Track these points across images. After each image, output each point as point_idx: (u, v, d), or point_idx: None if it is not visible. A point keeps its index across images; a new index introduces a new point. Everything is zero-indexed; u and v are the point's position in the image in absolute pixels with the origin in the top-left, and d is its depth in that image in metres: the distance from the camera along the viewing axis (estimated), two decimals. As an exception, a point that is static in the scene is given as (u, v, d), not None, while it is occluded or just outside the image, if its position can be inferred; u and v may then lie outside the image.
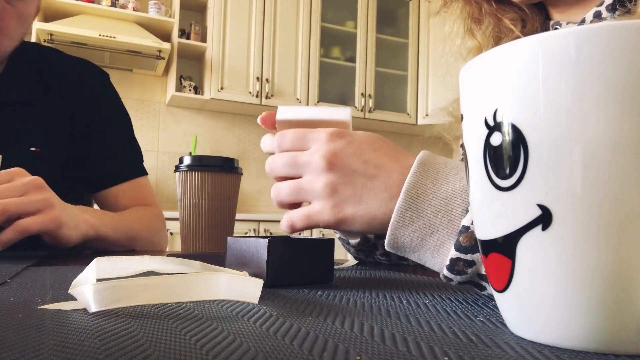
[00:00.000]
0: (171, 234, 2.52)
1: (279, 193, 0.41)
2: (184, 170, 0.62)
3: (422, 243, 0.35)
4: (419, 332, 0.23)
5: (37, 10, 0.83)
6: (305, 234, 2.73)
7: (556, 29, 0.55)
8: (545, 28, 0.58)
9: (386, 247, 0.37)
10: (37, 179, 0.64)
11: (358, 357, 0.18)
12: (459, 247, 0.32)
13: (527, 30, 0.57)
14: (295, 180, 0.40)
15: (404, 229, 0.35)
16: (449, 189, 0.34)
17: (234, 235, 0.55)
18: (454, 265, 0.33)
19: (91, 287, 0.25)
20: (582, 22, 0.51)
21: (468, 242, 0.32)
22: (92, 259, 0.30)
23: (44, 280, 0.38)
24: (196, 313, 0.26)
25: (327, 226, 0.39)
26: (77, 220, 0.70)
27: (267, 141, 0.43)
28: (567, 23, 0.54)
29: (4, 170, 0.63)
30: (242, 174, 0.67)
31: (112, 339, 0.20)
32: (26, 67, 0.88)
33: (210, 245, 0.62)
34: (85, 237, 0.72)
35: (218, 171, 0.62)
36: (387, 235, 0.36)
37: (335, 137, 0.39)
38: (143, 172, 0.97)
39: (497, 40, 0.59)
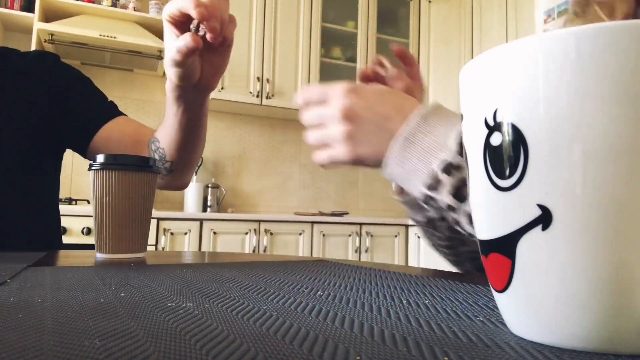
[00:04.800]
0: (172, 234, 2.52)
1: (310, 140, 0.53)
2: (97, 169, 0.60)
3: (408, 178, 0.46)
4: (419, 332, 0.23)
5: None
6: (307, 233, 2.73)
7: None
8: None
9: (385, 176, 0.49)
10: None
11: (358, 357, 0.18)
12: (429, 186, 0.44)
13: None
14: (321, 130, 0.51)
15: (393, 168, 0.47)
16: (431, 141, 0.44)
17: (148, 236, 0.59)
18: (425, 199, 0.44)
19: None
20: None
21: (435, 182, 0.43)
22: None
23: (44, 280, 0.38)
24: (196, 313, 0.26)
25: (345, 163, 0.50)
26: None
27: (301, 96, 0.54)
28: None
29: None
30: (159, 173, 0.65)
31: (112, 339, 0.20)
32: None
33: (124, 246, 0.60)
34: None
35: (133, 170, 0.60)
36: (384, 170, 0.48)
37: (349, 92, 0.49)
38: (123, 114, 0.99)
39: None
